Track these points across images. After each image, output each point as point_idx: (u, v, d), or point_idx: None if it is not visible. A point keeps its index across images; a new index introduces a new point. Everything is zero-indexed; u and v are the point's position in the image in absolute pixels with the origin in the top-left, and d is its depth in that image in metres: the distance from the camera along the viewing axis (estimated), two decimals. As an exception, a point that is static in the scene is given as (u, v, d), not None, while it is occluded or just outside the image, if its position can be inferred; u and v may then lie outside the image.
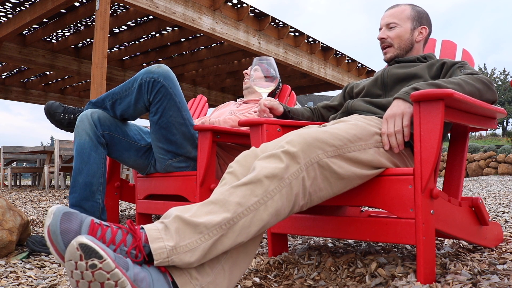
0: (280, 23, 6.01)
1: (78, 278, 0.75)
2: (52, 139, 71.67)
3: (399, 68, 1.48)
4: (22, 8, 5.08)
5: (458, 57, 1.74)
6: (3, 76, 8.56)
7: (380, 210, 1.82)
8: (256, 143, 1.43)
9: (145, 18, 5.82)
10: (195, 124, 1.81)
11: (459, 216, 1.23)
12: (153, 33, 6.38)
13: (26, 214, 2.68)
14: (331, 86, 8.69)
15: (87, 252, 0.74)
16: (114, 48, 7.13)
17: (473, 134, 27.11)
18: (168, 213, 0.89)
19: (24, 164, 11.32)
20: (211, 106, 9.28)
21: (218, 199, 0.90)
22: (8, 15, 5.33)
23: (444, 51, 1.78)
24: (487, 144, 12.11)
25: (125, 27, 6.19)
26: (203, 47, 7.06)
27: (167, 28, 6.14)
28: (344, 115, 1.48)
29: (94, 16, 5.65)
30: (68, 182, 10.54)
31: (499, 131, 30.30)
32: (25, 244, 1.70)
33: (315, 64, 7.05)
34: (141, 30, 6.08)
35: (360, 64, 8.14)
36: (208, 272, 0.88)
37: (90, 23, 6.01)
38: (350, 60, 7.86)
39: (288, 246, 1.58)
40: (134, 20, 5.87)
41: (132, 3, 4.18)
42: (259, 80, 1.54)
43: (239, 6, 5.40)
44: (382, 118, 1.30)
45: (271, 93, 2.35)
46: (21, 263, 1.48)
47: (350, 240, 1.72)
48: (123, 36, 6.34)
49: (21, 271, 1.37)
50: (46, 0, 4.59)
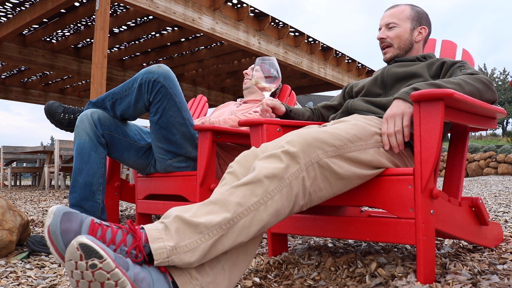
0: (280, 23, 6.01)
1: (78, 278, 0.75)
2: (52, 139, 71.68)
3: (399, 67, 1.48)
4: (22, 8, 5.08)
5: (458, 57, 1.74)
6: (3, 76, 8.56)
7: (380, 210, 1.82)
8: (256, 143, 1.43)
9: (145, 18, 5.82)
10: (195, 124, 1.81)
11: (459, 216, 1.23)
12: (153, 33, 6.38)
13: (26, 214, 2.68)
14: (331, 86, 8.69)
15: (87, 252, 0.74)
16: (114, 48, 7.13)
17: (473, 134, 27.11)
18: (168, 213, 0.89)
19: (24, 164, 11.32)
20: (211, 106, 9.28)
21: (218, 199, 0.90)
22: (8, 15, 5.33)
23: (444, 51, 1.78)
24: (487, 144, 12.11)
25: (125, 27, 6.19)
26: (203, 47, 7.06)
27: (167, 28, 6.14)
28: (344, 115, 1.48)
29: (94, 16, 5.65)
30: (68, 182, 10.54)
31: (499, 131, 30.30)
32: (25, 244, 1.70)
33: (315, 64, 7.05)
34: (141, 30, 6.08)
35: (360, 64, 8.15)
36: (208, 272, 0.88)
37: (90, 23, 6.02)
38: (350, 60, 7.87)
39: (288, 246, 1.58)
40: (134, 20, 5.87)
41: (132, 3, 4.18)
42: (260, 80, 1.54)
43: (239, 6, 5.40)
44: (382, 118, 1.30)
45: (271, 93, 2.35)
46: (21, 263, 1.48)
47: (350, 240, 1.72)
48: (123, 36, 6.34)
49: (21, 271, 1.37)
50: (46, 0, 4.59)
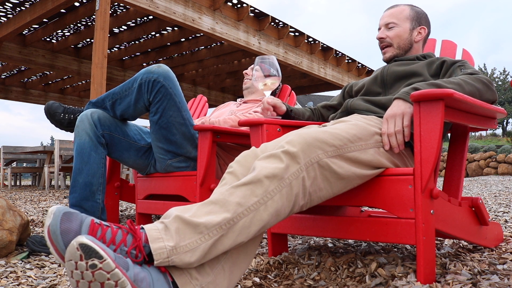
0: (280, 23, 6.01)
1: (78, 278, 0.75)
2: (52, 139, 71.68)
3: (398, 65, 1.48)
4: (22, 8, 5.08)
5: (458, 57, 1.74)
6: (3, 76, 8.56)
7: (380, 210, 1.82)
8: (256, 143, 1.43)
9: (145, 18, 5.82)
10: (195, 124, 1.81)
11: (459, 216, 1.23)
12: (153, 33, 6.38)
13: (26, 214, 2.68)
14: (331, 86, 8.69)
15: (87, 252, 0.74)
16: (114, 48, 7.13)
17: (473, 134, 27.11)
18: (168, 213, 0.89)
19: (24, 164, 11.32)
20: (211, 106, 9.28)
21: (218, 199, 0.90)
22: (8, 15, 5.33)
23: (444, 51, 1.78)
24: (487, 144, 12.11)
25: (125, 27, 6.19)
26: (203, 47, 7.06)
27: (167, 28, 6.14)
28: (344, 115, 1.48)
29: (94, 16, 5.65)
30: (68, 182, 10.54)
31: (499, 131, 30.30)
32: (25, 244, 1.70)
33: (315, 64, 7.05)
34: (141, 30, 6.08)
35: (360, 64, 8.15)
36: (208, 272, 0.88)
37: (90, 23, 6.02)
38: (350, 60, 7.87)
39: (288, 246, 1.58)
40: (134, 20, 5.87)
41: (132, 3, 4.18)
42: (260, 79, 1.54)
43: (239, 6, 5.40)
44: (382, 117, 1.30)
45: (272, 92, 2.35)
46: (21, 263, 1.48)
47: (350, 240, 1.72)
48: (123, 36, 6.34)
49: (21, 271, 1.37)
50: (46, 0, 4.59)
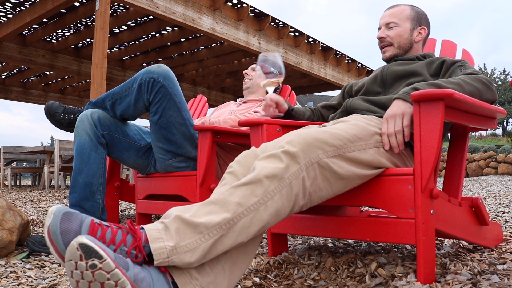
0: (280, 23, 6.01)
1: (78, 278, 0.75)
2: (52, 139, 71.69)
3: (398, 65, 1.48)
4: (22, 8, 5.08)
5: (458, 57, 1.74)
6: (3, 76, 8.56)
7: (380, 210, 1.82)
8: (256, 143, 1.43)
9: (145, 18, 5.82)
10: (195, 124, 1.81)
11: (459, 216, 1.23)
12: (153, 33, 6.38)
13: (26, 214, 2.68)
14: (331, 86, 8.69)
15: (87, 252, 0.74)
16: (114, 48, 7.13)
17: (473, 134, 27.11)
18: (168, 213, 0.89)
19: (24, 164, 11.31)
20: (211, 106, 9.28)
21: (218, 199, 0.90)
22: (8, 15, 5.33)
23: (444, 51, 1.78)
24: (487, 144, 12.11)
25: (125, 27, 6.19)
26: (203, 47, 7.06)
27: (167, 28, 6.14)
28: (344, 114, 1.48)
29: (94, 16, 5.65)
30: (68, 182, 10.53)
31: (499, 131, 30.30)
32: (25, 244, 1.70)
33: (315, 64, 7.05)
34: (141, 30, 6.08)
35: (360, 64, 8.15)
36: (208, 272, 0.88)
37: (90, 23, 6.02)
38: (350, 60, 7.87)
39: (288, 246, 1.58)
40: (134, 20, 5.87)
41: (132, 3, 4.18)
42: (264, 76, 1.51)
43: (239, 6, 5.40)
44: (382, 117, 1.30)
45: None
46: (21, 263, 1.48)
47: (350, 240, 1.72)
48: (123, 36, 6.34)
49: (21, 271, 1.37)
50: (46, 0, 4.59)
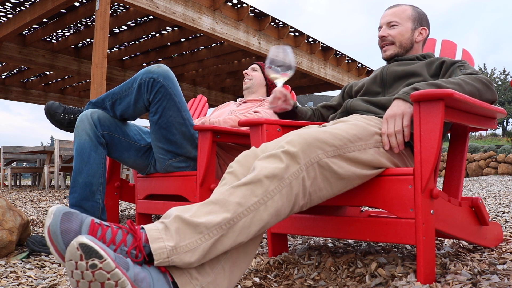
0: (280, 23, 6.01)
1: (79, 278, 0.75)
2: (52, 139, 71.70)
3: (398, 65, 1.48)
4: (22, 8, 5.08)
5: (458, 57, 1.74)
6: (3, 76, 8.56)
7: (380, 210, 1.82)
8: (256, 143, 1.43)
9: (145, 18, 5.82)
10: (195, 124, 1.81)
11: (459, 216, 1.23)
12: (153, 33, 6.38)
13: (26, 214, 2.68)
14: (331, 86, 8.69)
15: (88, 252, 0.74)
16: (114, 48, 7.13)
17: (473, 134, 27.11)
18: (168, 213, 0.89)
19: (24, 164, 11.31)
20: (211, 106, 9.28)
21: (218, 199, 0.90)
22: (8, 15, 5.33)
23: (444, 51, 1.78)
24: (487, 144, 12.11)
25: (125, 27, 6.19)
26: (203, 47, 7.06)
27: (167, 28, 6.14)
28: (343, 115, 1.48)
29: (94, 16, 5.65)
30: (68, 182, 10.53)
31: (499, 131, 30.30)
32: (25, 244, 1.70)
33: (315, 64, 7.05)
34: (141, 30, 6.08)
35: (360, 64, 8.15)
36: (208, 272, 0.88)
37: (90, 23, 6.02)
38: (350, 60, 7.87)
39: (288, 246, 1.58)
40: (134, 20, 5.87)
41: (132, 3, 4.18)
42: (274, 69, 1.45)
43: (239, 6, 5.40)
44: (382, 117, 1.30)
45: (271, 93, 2.35)
46: (21, 263, 1.48)
47: (350, 240, 1.72)
48: (123, 36, 6.34)
49: (21, 271, 1.37)
50: (46, 0, 4.59)
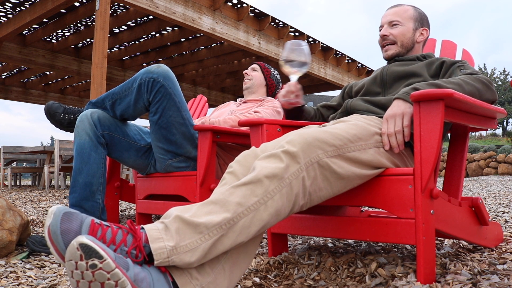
0: (280, 23, 6.01)
1: (79, 278, 0.75)
2: (52, 139, 71.71)
3: (398, 66, 1.48)
4: (22, 8, 5.08)
5: (458, 57, 1.74)
6: (3, 76, 8.56)
7: (380, 210, 1.82)
8: (256, 143, 1.44)
9: (145, 18, 5.82)
10: (195, 124, 1.81)
11: (459, 216, 1.23)
12: (153, 33, 6.38)
13: (26, 214, 2.68)
14: (331, 86, 8.69)
15: (88, 252, 0.74)
16: (114, 48, 7.13)
17: (473, 134, 27.11)
18: (168, 213, 0.89)
19: (24, 164, 11.31)
20: (211, 106, 9.28)
21: (218, 199, 0.90)
22: (8, 15, 5.33)
23: (444, 51, 1.78)
24: (487, 144, 12.11)
25: (125, 27, 6.19)
26: (203, 47, 7.06)
27: (167, 28, 6.14)
28: (344, 115, 1.48)
29: (94, 16, 5.64)
30: (68, 182, 10.53)
31: (499, 131, 30.31)
32: (25, 244, 1.70)
33: (315, 64, 7.05)
34: (141, 30, 6.08)
35: (360, 64, 8.15)
36: (209, 272, 0.88)
37: (90, 23, 6.02)
38: (350, 60, 7.87)
39: (288, 246, 1.58)
40: (134, 20, 5.87)
41: (132, 3, 4.18)
42: (290, 63, 1.40)
43: (239, 6, 5.40)
44: (382, 117, 1.30)
45: (271, 93, 2.36)
46: (21, 263, 1.48)
47: (350, 240, 1.72)
48: (123, 36, 6.34)
49: (21, 271, 1.37)
50: (46, 0, 4.59)
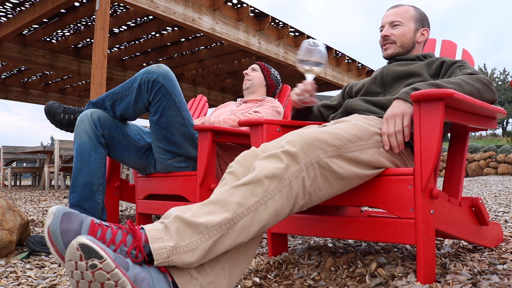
0: (280, 23, 6.01)
1: (78, 278, 0.75)
2: (52, 139, 71.74)
3: (398, 65, 1.48)
4: (22, 8, 5.08)
5: (458, 57, 1.73)
6: (3, 76, 8.56)
7: (380, 210, 1.82)
8: (256, 143, 1.44)
9: (145, 18, 5.82)
10: (195, 124, 1.81)
11: (459, 216, 1.23)
12: (153, 33, 6.38)
13: (26, 214, 2.68)
14: (331, 86, 8.69)
15: (87, 252, 0.74)
16: (114, 48, 7.13)
17: (473, 134, 27.10)
18: (168, 213, 0.89)
19: (24, 164, 11.31)
20: (211, 106, 9.28)
21: (218, 199, 0.90)
22: (8, 15, 5.33)
23: (444, 51, 1.78)
24: (487, 144, 12.11)
25: (125, 27, 6.19)
26: (203, 47, 7.06)
27: (167, 28, 6.14)
28: (344, 115, 1.48)
29: (94, 16, 5.65)
30: (68, 182, 10.53)
31: (499, 131, 30.31)
32: (25, 244, 1.70)
33: (315, 64, 7.04)
34: (141, 30, 6.08)
35: (360, 64, 8.15)
36: (208, 272, 0.88)
37: (90, 23, 6.02)
38: (350, 60, 7.87)
39: (288, 246, 1.58)
40: (134, 20, 5.87)
41: (132, 3, 4.18)
42: (307, 63, 1.37)
43: (239, 6, 5.40)
44: (382, 117, 1.30)
45: (271, 93, 2.36)
46: (21, 263, 1.48)
47: (350, 240, 1.72)
48: (123, 36, 6.34)
49: (21, 271, 1.37)
50: (46, 0, 4.59)
